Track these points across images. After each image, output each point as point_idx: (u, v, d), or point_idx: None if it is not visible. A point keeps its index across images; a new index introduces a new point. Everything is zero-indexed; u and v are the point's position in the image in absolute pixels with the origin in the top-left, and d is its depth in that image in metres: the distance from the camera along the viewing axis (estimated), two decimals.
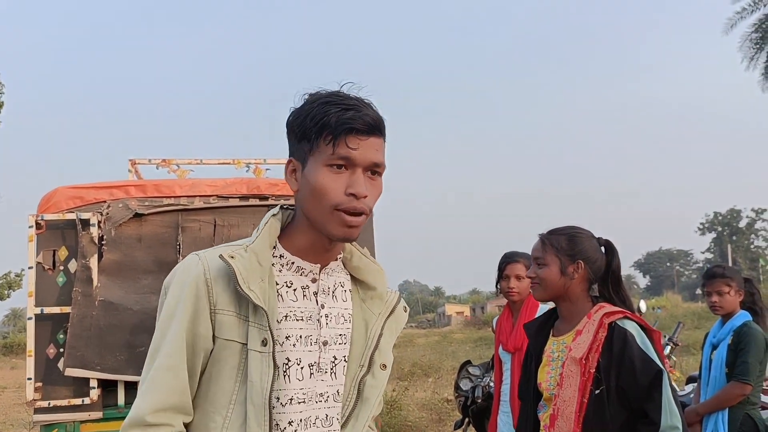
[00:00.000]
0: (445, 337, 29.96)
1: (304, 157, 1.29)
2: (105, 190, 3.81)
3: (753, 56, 27.43)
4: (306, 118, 1.27)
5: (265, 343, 1.25)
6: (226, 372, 1.26)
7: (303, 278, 1.36)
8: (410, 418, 9.54)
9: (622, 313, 2.23)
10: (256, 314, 1.26)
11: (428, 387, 12.57)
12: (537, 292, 2.35)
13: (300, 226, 1.34)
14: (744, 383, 3.48)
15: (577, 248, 2.29)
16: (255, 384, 1.24)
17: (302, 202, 1.31)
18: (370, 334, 1.41)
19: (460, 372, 5.20)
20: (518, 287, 3.72)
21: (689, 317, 20.99)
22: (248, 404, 1.25)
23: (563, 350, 2.25)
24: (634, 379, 2.11)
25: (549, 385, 2.25)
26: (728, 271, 3.68)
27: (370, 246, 4.15)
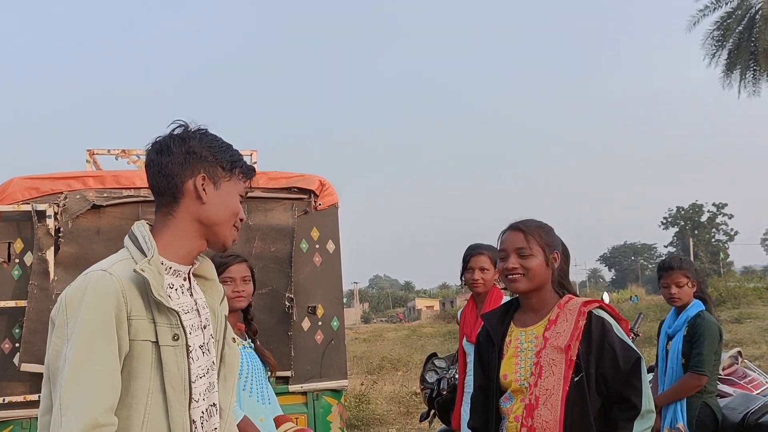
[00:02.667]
0: (415, 331, 30.04)
1: (217, 180, 1.64)
2: (62, 181, 3.72)
3: (714, 53, 27.98)
4: (225, 153, 1.65)
5: (176, 338, 1.54)
6: (143, 368, 1.50)
7: (179, 279, 1.66)
8: (378, 411, 9.57)
9: (597, 302, 2.28)
10: (162, 316, 1.53)
11: (397, 380, 12.59)
12: (521, 284, 2.29)
13: (183, 234, 1.63)
14: (700, 374, 3.53)
15: (553, 240, 2.34)
16: (173, 372, 1.53)
17: (206, 213, 1.63)
18: (219, 316, 1.77)
19: (426, 365, 5.21)
20: (483, 279, 3.73)
21: (653, 309, 21.40)
22: (168, 390, 1.52)
23: (533, 340, 2.26)
24: (616, 366, 2.15)
25: (519, 376, 2.24)
26: (684, 262, 3.73)
27: (335, 237, 4.14)
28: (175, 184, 1.60)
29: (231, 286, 2.82)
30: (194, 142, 1.63)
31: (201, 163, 1.62)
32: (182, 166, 1.60)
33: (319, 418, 3.87)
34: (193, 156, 1.61)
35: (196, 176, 1.61)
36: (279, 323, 3.92)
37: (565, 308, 2.25)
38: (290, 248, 3.96)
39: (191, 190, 1.60)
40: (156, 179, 1.62)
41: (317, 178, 4.11)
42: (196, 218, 1.62)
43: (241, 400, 2.68)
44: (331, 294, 4.08)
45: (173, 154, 1.60)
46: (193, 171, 1.61)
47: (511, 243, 2.32)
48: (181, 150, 1.61)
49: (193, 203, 1.61)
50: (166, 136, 1.64)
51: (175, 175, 1.60)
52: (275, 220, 3.99)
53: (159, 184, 1.62)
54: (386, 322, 56.57)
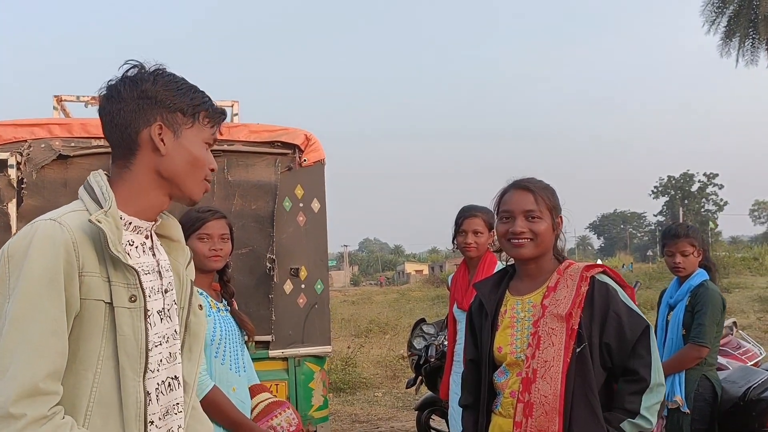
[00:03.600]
0: (403, 295, 30.11)
1: (177, 127, 1.44)
2: (25, 129, 3.46)
3: (714, 20, 27.58)
4: (185, 95, 1.45)
5: (133, 299, 1.37)
6: (93, 331, 1.33)
7: (140, 236, 1.48)
8: (365, 374, 9.50)
9: (600, 267, 2.09)
10: (119, 274, 1.35)
11: (384, 344, 12.55)
12: (528, 249, 2.08)
13: (142, 188, 1.44)
14: (701, 346, 3.38)
15: (558, 202, 2.15)
16: (128, 337, 1.36)
17: (166, 166, 1.44)
18: (184, 281, 1.59)
19: (414, 330, 5.07)
20: (476, 242, 3.53)
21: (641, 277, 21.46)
22: (121, 356, 1.35)
23: (530, 309, 2.07)
24: (621, 335, 1.96)
25: (515, 348, 2.06)
26: (691, 230, 3.53)
27: (321, 195, 3.90)
28: (128, 134, 1.41)
29: (208, 244, 2.59)
30: (147, 85, 1.42)
31: (157, 109, 1.42)
32: (135, 114, 1.41)
33: (300, 385, 3.70)
34: (147, 101, 1.42)
35: (151, 125, 1.42)
36: (259, 285, 3.71)
37: (565, 274, 2.06)
38: (272, 206, 3.73)
39: (147, 141, 1.42)
40: (108, 130, 1.44)
41: (302, 132, 3.85)
42: (155, 171, 1.44)
43: (212, 369, 2.47)
44: (315, 255, 3.86)
45: (124, 100, 1.41)
46: (148, 119, 1.42)
47: (518, 204, 2.10)
48: (132, 95, 1.41)
49: (150, 155, 1.43)
50: (115, 80, 1.44)
51: (127, 124, 1.41)
52: (257, 176, 3.75)
53: (112, 135, 1.44)
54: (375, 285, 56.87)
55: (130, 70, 1.44)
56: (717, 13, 27.42)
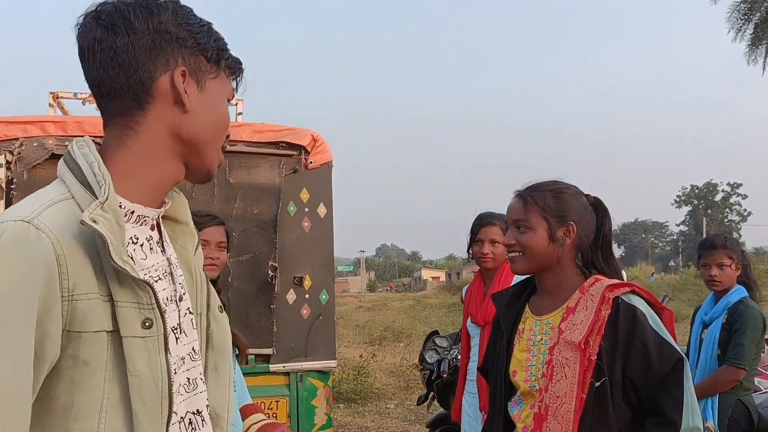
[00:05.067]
0: (419, 302, 29.82)
1: (201, 76, 1.09)
2: (17, 126, 3.28)
3: (740, 27, 27.04)
4: (209, 35, 1.10)
5: (148, 324, 1.00)
6: (92, 374, 0.97)
7: (145, 229, 1.10)
8: (377, 384, 9.25)
9: (628, 287, 1.79)
10: (125, 291, 0.98)
11: (398, 352, 12.28)
12: (519, 264, 1.87)
13: (154, 157, 1.06)
14: (738, 368, 3.14)
15: (566, 207, 1.85)
16: (144, 378, 0.99)
17: (189, 125, 1.07)
18: (196, 275, 1.20)
19: (426, 343, 4.83)
20: (493, 253, 3.32)
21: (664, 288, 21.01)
22: (135, 403, 0.98)
23: (548, 332, 1.82)
24: (648, 369, 1.69)
25: (529, 376, 1.81)
26: (729, 241, 3.28)
27: (327, 199, 3.69)
28: (139, 80, 1.03)
29: (204, 251, 2.39)
30: (167, 16, 1.05)
31: (178, 50, 1.06)
32: (151, 53, 1.04)
33: (302, 402, 3.47)
34: (166, 37, 1.05)
35: (173, 69, 1.05)
36: (260, 294, 3.49)
37: (588, 293, 1.79)
38: (276, 210, 3.52)
39: (166, 90, 1.05)
40: (106, 71, 1.03)
41: (309, 132, 3.64)
42: (173, 132, 1.07)
43: None
44: (320, 263, 3.63)
45: (135, 32, 1.03)
46: (167, 61, 1.05)
47: (509, 213, 1.91)
48: (147, 27, 1.03)
49: (168, 110, 1.06)
50: (119, 4, 1.05)
51: (139, 66, 1.03)
52: (260, 179, 3.55)
53: (111, 79, 1.03)
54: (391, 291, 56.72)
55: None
56: (743, 20, 26.89)
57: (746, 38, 27.21)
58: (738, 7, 26.75)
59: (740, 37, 27.29)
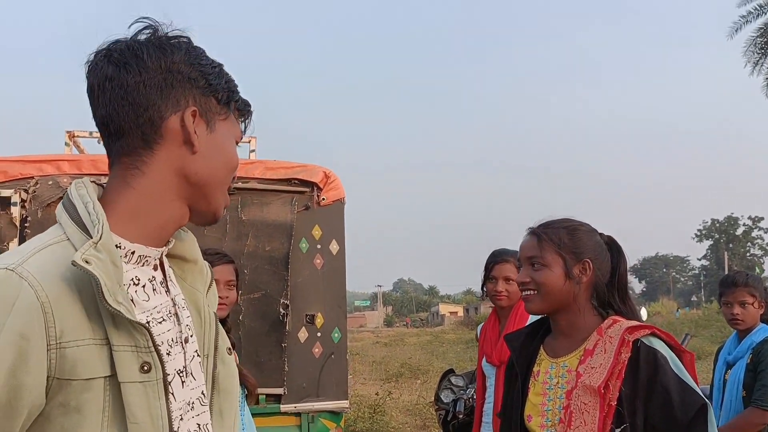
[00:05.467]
0: (437, 337, 29.52)
1: (211, 117, 1.08)
2: (33, 165, 3.32)
3: (757, 61, 27.04)
4: (220, 76, 1.09)
5: (146, 368, 0.97)
6: (88, 422, 0.93)
7: (147, 269, 1.07)
8: (393, 423, 9.09)
9: (648, 329, 1.74)
10: (122, 334, 0.96)
11: (415, 390, 12.10)
12: (534, 303, 1.81)
13: (161, 198, 1.05)
14: (765, 410, 3.04)
15: (581, 244, 1.81)
16: (144, 425, 0.96)
17: (197, 167, 1.06)
18: (206, 317, 1.17)
19: (442, 382, 4.71)
20: (507, 290, 3.25)
21: (687, 325, 20.58)
22: None
23: (565, 375, 1.77)
24: (671, 416, 1.63)
25: (545, 421, 1.75)
26: (751, 279, 3.20)
27: (340, 236, 3.67)
28: (149, 118, 1.02)
29: None
30: (180, 56, 1.05)
31: (189, 90, 1.05)
32: (162, 92, 1.03)
33: None
34: (178, 77, 1.04)
35: (184, 109, 1.04)
36: (271, 332, 3.46)
37: (606, 335, 1.73)
38: (288, 247, 3.51)
39: (176, 130, 1.03)
40: (116, 108, 1.01)
41: (321, 169, 3.64)
42: (180, 173, 1.05)
43: None
44: (332, 301, 3.60)
45: (148, 71, 1.02)
46: (178, 101, 1.04)
47: (523, 250, 1.86)
48: (159, 66, 1.03)
49: (176, 151, 1.04)
50: (132, 42, 1.04)
51: (150, 104, 1.02)
52: (272, 216, 3.55)
53: (121, 116, 1.01)
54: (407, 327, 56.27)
55: (144, 30, 1.06)
56: (760, 54, 26.90)
57: (764, 71, 27.18)
58: (755, 41, 26.78)
59: (758, 70, 27.28)
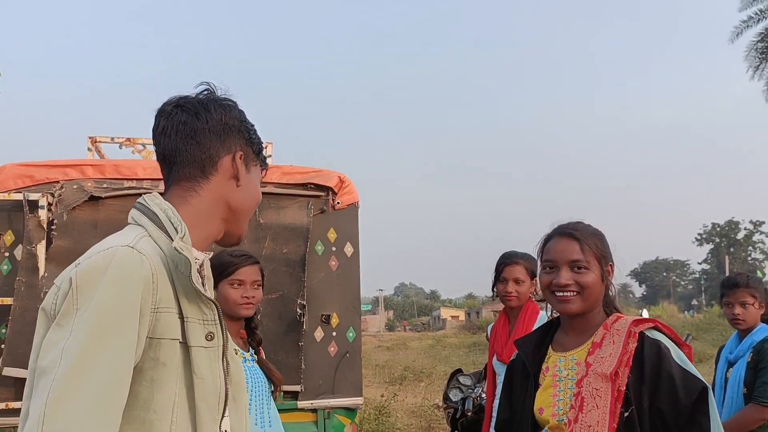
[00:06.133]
0: (439, 341, 29.56)
1: (249, 161, 1.40)
2: (58, 170, 3.44)
3: (758, 66, 27.13)
4: (253, 131, 1.43)
5: (210, 337, 1.25)
6: (169, 375, 1.19)
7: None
8: (398, 424, 9.19)
9: (651, 322, 1.89)
10: (193, 308, 1.23)
11: (419, 392, 12.19)
12: (575, 304, 1.90)
13: (207, 216, 1.35)
14: (765, 406, 3.13)
15: (608, 249, 1.97)
16: (207, 381, 1.23)
17: (239, 197, 1.37)
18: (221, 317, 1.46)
19: (450, 381, 4.83)
20: (517, 291, 3.37)
21: (687, 328, 20.63)
22: (199, 402, 1.21)
23: (574, 367, 1.89)
24: (675, 399, 1.75)
25: (557, 410, 1.87)
26: (752, 280, 3.31)
27: (354, 239, 3.78)
28: (209, 156, 1.33)
29: (240, 291, 2.49)
30: (235, 113, 1.39)
31: (238, 140, 1.38)
32: (220, 138, 1.35)
33: None
34: (232, 129, 1.37)
35: (235, 152, 1.37)
36: (288, 332, 3.56)
37: (612, 329, 1.88)
38: (304, 250, 3.61)
39: (227, 167, 1.35)
40: (184, 145, 1.32)
41: (336, 174, 3.75)
42: (225, 201, 1.36)
43: None
44: (347, 302, 3.70)
45: (212, 120, 1.34)
46: (231, 145, 1.36)
47: (563, 253, 1.92)
48: (221, 118, 1.36)
49: (225, 183, 1.35)
50: (203, 98, 1.37)
51: (212, 145, 1.34)
52: (288, 219, 3.65)
53: (187, 151, 1.32)
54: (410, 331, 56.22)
55: (207, 92, 1.39)
56: (761, 59, 27.00)
57: (765, 76, 27.27)
58: (755, 46, 26.89)
59: (758, 75, 27.38)
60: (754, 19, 26.54)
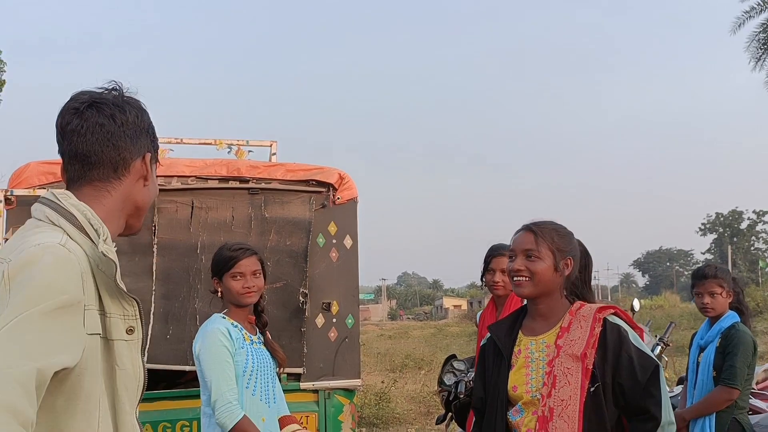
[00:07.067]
0: (441, 330, 29.88)
1: (153, 161, 1.45)
2: None
3: (760, 57, 27.18)
4: (155, 132, 1.47)
5: (131, 331, 1.33)
6: (96, 366, 1.27)
7: None
8: (398, 410, 9.48)
9: (612, 309, 2.18)
10: (115, 304, 1.31)
11: (419, 380, 12.48)
12: (525, 288, 2.18)
13: (116, 215, 1.41)
14: (731, 388, 3.38)
15: (567, 244, 2.22)
16: (128, 371, 1.32)
17: (144, 196, 1.43)
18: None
19: (445, 366, 5.08)
20: (503, 281, 3.62)
21: (686, 317, 20.89)
22: (121, 390, 1.31)
23: (544, 349, 2.16)
24: (633, 375, 2.05)
25: (530, 387, 2.14)
26: (720, 271, 3.56)
27: (353, 232, 4.04)
28: (123, 158, 1.37)
29: (240, 282, 2.71)
30: (147, 117, 1.44)
31: (147, 141, 1.43)
32: (134, 140, 1.39)
33: (330, 417, 3.78)
34: (143, 131, 1.42)
35: (145, 153, 1.42)
36: (292, 318, 3.84)
37: (578, 315, 2.16)
38: (306, 242, 3.88)
39: (138, 169, 1.40)
40: (101, 147, 1.35)
41: (336, 171, 4.01)
42: (133, 200, 1.42)
43: (243, 399, 2.59)
44: (346, 291, 3.98)
45: (127, 123, 1.38)
46: (141, 147, 1.41)
47: (519, 243, 2.21)
48: (136, 121, 1.40)
49: (135, 183, 1.41)
50: (117, 99, 1.40)
51: (125, 148, 1.37)
52: (292, 213, 3.91)
53: (103, 153, 1.35)
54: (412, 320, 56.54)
55: (113, 91, 1.41)
56: (762, 50, 27.04)
57: (766, 66, 27.33)
58: (757, 37, 26.92)
59: (759, 66, 27.44)
60: (756, 10, 26.53)
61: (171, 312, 3.70)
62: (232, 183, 3.86)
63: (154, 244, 3.71)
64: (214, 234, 3.76)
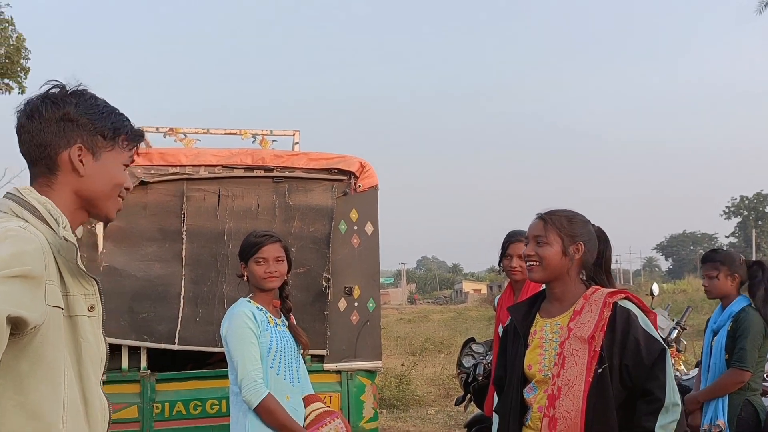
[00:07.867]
0: (460, 314, 30.02)
1: (97, 150, 1.46)
2: None
3: None
4: (106, 119, 1.47)
5: (92, 308, 1.41)
6: (58, 338, 1.34)
7: None
8: (418, 392, 9.64)
9: (623, 293, 2.26)
10: (76, 284, 1.38)
11: (438, 363, 12.64)
12: (536, 272, 2.29)
13: (66, 207, 1.45)
14: (742, 370, 3.44)
15: (577, 230, 2.31)
16: (92, 344, 1.40)
17: (85, 187, 1.46)
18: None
19: (463, 349, 5.21)
20: (521, 266, 3.69)
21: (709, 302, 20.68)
22: (86, 362, 1.39)
23: (558, 331, 2.26)
24: (639, 358, 2.13)
25: (543, 367, 2.24)
26: (719, 255, 3.65)
27: (374, 219, 4.16)
28: (48, 155, 1.42)
29: (263, 266, 2.81)
30: (70, 108, 1.44)
31: (78, 132, 1.44)
32: (56, 135, 1.42)
33: (352, 397, 3.93)
34: (68, 124, 1.43)
35: (71, 147, 1.43)
36: (315, 302, 3.98)
37: (591, 299, 2.24)
38: (329, 229, 4.00)
39: (66, 162, 1.43)
40: (27, 147, 1.43)
41: (358, 159, 4.12)
42: (75, 192, 1.45)
43: (267, 378, 2.72)
44: (367, 275, 4.11)
45: (45, 120, 1.42)
46: (68, 141, 1.43)
47: (531, 230, 2.32)
48: (53, 116, 1.42)
49: (70, 176, 1.44)
50: (37, 99, 1.44)
51: (48, 144, 1.42)
52: (315, 201, 4.04)
53: (31, 152, 1.43)
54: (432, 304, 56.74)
55: (51, 90, 1.45)
56: None
57: None
58: None
59: None
60: None
61: (200, 296, 3.86)
62: (257, 172, 3.99)
63: (183, 231, 3.86)
64: (240, 221, 3.90)
